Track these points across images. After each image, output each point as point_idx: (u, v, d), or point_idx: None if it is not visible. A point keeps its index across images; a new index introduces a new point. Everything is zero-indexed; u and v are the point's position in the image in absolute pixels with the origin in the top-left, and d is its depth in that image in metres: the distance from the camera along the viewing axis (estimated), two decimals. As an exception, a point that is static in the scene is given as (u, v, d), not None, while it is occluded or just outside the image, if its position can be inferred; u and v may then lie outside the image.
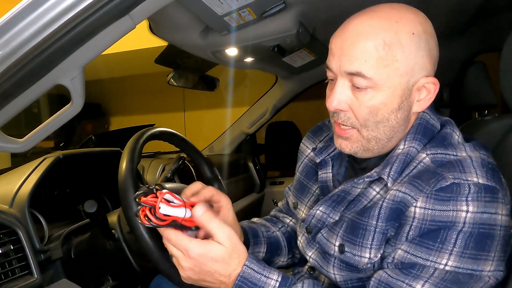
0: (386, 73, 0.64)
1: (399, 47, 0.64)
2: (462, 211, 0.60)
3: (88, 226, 1.18)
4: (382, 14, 0.65)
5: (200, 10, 0.97)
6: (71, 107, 0.81)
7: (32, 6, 0.68)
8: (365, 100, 0.66)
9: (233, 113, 3.30)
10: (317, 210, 0.78)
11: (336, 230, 0.73)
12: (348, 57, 0.65)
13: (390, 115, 0.67)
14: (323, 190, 0.82)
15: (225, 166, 2.03)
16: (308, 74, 1.92)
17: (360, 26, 0.65)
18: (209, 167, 1.21)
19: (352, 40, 0.65)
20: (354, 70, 0.65)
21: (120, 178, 0.88)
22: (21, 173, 1.10)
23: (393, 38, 0.63)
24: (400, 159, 0.69)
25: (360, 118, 0.68)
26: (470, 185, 0.61)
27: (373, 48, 0.63)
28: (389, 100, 0.66)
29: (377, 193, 0.71)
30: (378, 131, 0.69)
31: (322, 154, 0.83)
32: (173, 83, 1.75)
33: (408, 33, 0.64)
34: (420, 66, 0.66)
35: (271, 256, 0.94)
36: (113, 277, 1.10)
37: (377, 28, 0.64)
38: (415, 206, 0.63)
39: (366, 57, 0.64)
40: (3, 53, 0.70)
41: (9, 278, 0.91)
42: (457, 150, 0.67)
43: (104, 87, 4.19)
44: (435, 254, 0.61)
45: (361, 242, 0.69)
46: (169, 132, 1.11)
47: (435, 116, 0.73)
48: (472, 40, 1.63)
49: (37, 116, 3.80)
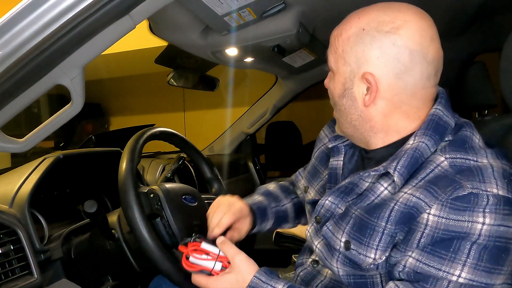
0: (335, 59, 0.74)
1: (347, 38, 0.71)
2: (478, 222, 0.59)
3: (88, 226, 1.18)
4: (360, 11, 0.73)
5: (200, 10, 0.97)
6: (71, 107, 0.81)
7: (32, 6, 0.68)
8: (328, 81, 0.79)
9: (233, 113, 3.31)
10: (326, 200, 0.79)
11: (343, 225, 0.73)
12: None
13: (338, 100, 0.76)
14: (331, 177, 0.84)
15: (225, 166, 2.03)
16: (308, 74, 1.92)
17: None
18: (209, 167, 1.21)
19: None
20: (327, 54, 0.77)
21: (120, 178, 0.88)
22: (21, 173, 1.10)
23: (345, 30, 0.72)
24: (409, 153, 0.68)
25: (330, 98, 0.80)
26: (489, 196, 0.60)
27: (333, 36, 0.75)
28: (336, 85, 0.75)
29: (385, 188, 0.70)
30: (338, 113, 0.78)
31: (336, 141, 0.86)
32: (173, 83, 1.75)
33: (358, 28, 0.70)
34: (363, 60, 0.69)
35: (278, 225, 1.06)
36: (113, 277, 1.10)
37: (343, 22, 0.74)
38: (429, 213, 0.62)
39: (330, 41, 0.76)
40: (3, 53, 0.70)
41: (9, 278, 0.91)
42: (478, 155, 0.65)
43: (104, 87, 4.20)
44: (448, 264, 0.60)
45: (367, 242, 0.68)
46: (169, 132, 1.11)
47: (449, 114, 0.72)
48: (472, 40, 1.63)
49: (37, 116, 3.80)
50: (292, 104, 2.26)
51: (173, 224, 0.94)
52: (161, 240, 0.92)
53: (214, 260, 0.77)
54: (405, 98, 0.70)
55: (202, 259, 0.78)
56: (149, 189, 0.97)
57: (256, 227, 0.99)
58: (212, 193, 1.20)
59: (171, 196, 0.97)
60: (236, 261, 0.76)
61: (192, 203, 1.03)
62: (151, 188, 0.98)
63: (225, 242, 0.80)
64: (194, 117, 4.13)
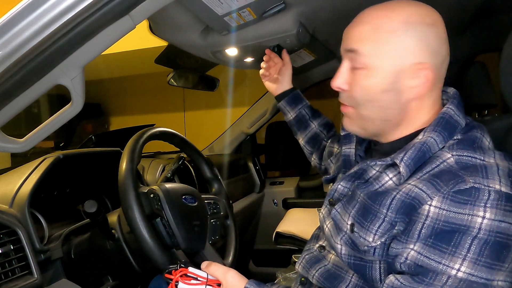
0: (376, 54, 0.71)
1: (390, 32, 0.70)
2: (478, 216, 0.59)
3: (88, 226, 1.18)
4: (385, 5, 0.73)
5: (200, 10, 0.97)
6: (71, 107, 0.81)
7: (32, 6, 0.68)
8: (360, 79, 0.74)
9: (233, 113, 3.30)
10: (339, 184, 0.84)
11: (349, 209, 0.76)
12: (347, 38, 0.75)
13: (380, 95, 0.73)
14: (345, 163, 0.89)
15: (225, 166, 2.03)
16: (308, 74, 1.92)
17: (363, 15, 0.74)
18: (209, 167, 1.21)
19: (353, 25, 0.75)
20: (351, 47, 0.74)
21: (120, 178, 0.89)
22: (21, 173, 1.10)
23: (385, 24, 0.70)
24: (416, 147, 0.69)
25: (356, 97, 0.75)
26: (491, 191, 0.60)
27: (367, 31, 0.72)
28: (379, 81, 0.72)
29: (390, 179, 0.72)
30: (370, 110, 0.75)
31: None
32: (173, 83, 1.75)
33: (402, 21, 0.69)
34: (412, 52, 0.69)
35: (298, 123, 1.21)
36: (113, 277, 1.10)
37: (375, 16, 0.72)
38: (430, 204, 0.63)
39: (361, 37, 0.72)
40: (3, 53, 0.70)
41: (9, 278, 0.91)
42: (485, 155, 0.66)
43: (104, 87, 4.20)
44: (448, 258, 0.61)
45: (368, 226, 0.70)
46: (169, 132, 1.11)
47: (460, 114, 0.73)
48: (472, 40, 1.62)
49: (37, 116, 3.80)
50: (292, 104, 2.26)
51: (173, 224, 0.94)
52: (161, 240, 0.92)
53: (204, 284, 0.78)
54: (434, 89, 0.73)
55: (192, 284, 0.78)
56: (149, 189, 0.97)
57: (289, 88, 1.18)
58: (212, 193, 1.20)
59: (171, 196, 0.97)
60: (228, 278, 0.80)
61: (192, 203, 1.03)
62: (151, 188, 0.98)
63: (211, 264, 0.83)
64: (194, 117, 4.13)
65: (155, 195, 0.96)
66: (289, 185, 2.31)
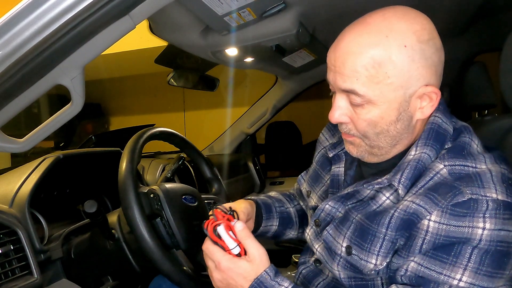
0: (379, 89, 0.65)
1: (390, 63, 0.63)
2: (479, 227, 0.59)
3: (88, 226, 1.18)
4: (372, 28, 0.64)
5: (200, 10, 0.97)
6: (71, 107, 0.81)
7: (32, 6, 0.68)
8: (362, 114, 0.68)
9: (233, 113, 3.31)
10: (326, 204, 0.79)
11: (343, 230, 0.73)
12: (341, 75, 0.67)
13: (389, 127, 0.68)
14: (333, 183, 0.84)
15: (225, 166, 2.03)
16: (308, 74, 1.92)
17: (350, 44, 0.65)
18: (209, 167, 1.21)
19: (343, 59, 0.66)
20: (348, 88, 0.66)
21: (120, 178, 0.89)
22: (21, 173, 1.10)
23: (382, 55, 0.63)
24: (412, 165, 0.68)
25: (360, 130, 0.70)
26: (489, 201, 0.60)
27: (363, 68, 0.64)
28: (386, 113, 0.67)
29: (387, 198, 0.70)
30: (379, 140, 0.70)
31: (335, 149, 0.86)
32: (173, 83, 1.75)
33: (399, 46, 0.63)
34: (416, 77, 0.65)
35: (283, 229, 1.00)
36: (113, 277, 1.10)
37: (366, 46, 0.64)
38: (429, 219, 0.62)
39: (357, 76, 0.64)
40: (3, 53, 0.70)
41: (9, 278, 0.91)
42: (476, 161, 0.65)
43: (104, 87, 4.20)
44: (449, 268, 0.60)
45: (368, 248, 0.68)
46: (169, 132, 1.11)
47: (448, 120, 0.71)
48: (472, 40, 1.63)
49: (37, 116, 3.80)
50: (292, 104, 2.26)
51: (173, 224, 0.94)
52: (161, 240, 0.92)
53: (237, 242, 0.73)
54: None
55: (229, 235, 0.73)
56: (149, 189, 0.97)
57: (262, 225, 0.94)
58: (212, 193, 1.20)
59: (171, 196, 0.97)
60: (257, 255, 0.71)
61: (192, 203, 1.03)
62: (151, 188, 0.98)
63: (251, 236, 0.74)
64: (194, 117, 4.13)
65: (155, 195, 0.96)
66: (289, 185, 2.31)
